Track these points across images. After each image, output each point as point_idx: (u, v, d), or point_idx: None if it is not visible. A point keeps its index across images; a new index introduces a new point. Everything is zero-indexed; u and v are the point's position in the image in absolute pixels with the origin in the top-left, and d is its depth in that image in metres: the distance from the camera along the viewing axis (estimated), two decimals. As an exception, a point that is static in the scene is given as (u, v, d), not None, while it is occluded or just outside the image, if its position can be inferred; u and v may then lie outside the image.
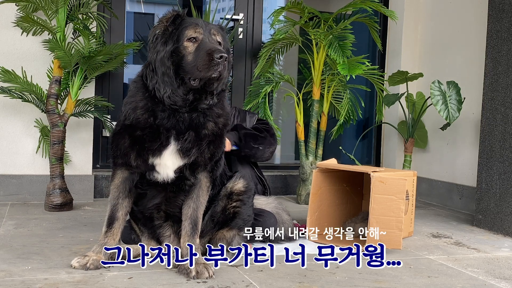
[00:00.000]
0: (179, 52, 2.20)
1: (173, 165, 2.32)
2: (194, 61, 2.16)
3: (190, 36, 2.20)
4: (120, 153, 2.33)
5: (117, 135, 2.35)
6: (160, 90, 2.21)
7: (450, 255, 2.94)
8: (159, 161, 2.30)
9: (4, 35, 3.88)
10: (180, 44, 2.20)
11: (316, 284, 2.30)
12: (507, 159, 3.49)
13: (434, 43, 4.90)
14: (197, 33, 2.21)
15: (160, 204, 2.48)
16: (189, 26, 2.22)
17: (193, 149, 2.29)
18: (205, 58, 2.13)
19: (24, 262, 2.42)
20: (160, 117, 2.24)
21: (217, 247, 2.45)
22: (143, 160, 2.30)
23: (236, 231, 2.65)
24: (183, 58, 2.19)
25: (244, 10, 4.92)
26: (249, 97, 4.49)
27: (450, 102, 3.94)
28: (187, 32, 2.21)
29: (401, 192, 2.86)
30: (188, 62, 2.17)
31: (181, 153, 2.28)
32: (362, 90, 4.82)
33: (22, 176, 3.96)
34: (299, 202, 4.47)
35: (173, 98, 2.21)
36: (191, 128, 2.26)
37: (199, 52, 2.17)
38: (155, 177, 2.36)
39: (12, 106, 3.92)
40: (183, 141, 2.26)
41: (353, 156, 4.53)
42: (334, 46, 3.96)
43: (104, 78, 4.43)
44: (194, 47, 2.19)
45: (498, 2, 3.62)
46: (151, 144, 2.26)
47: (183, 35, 2.21)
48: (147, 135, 2.26)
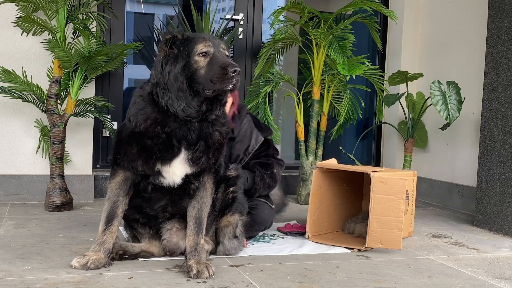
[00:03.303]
0: (190, 66, 2.27)
1: (181, 173, 2.38)
2: (208, 74, 2.25)
3: (201, 50, 2.28)
4: (127, 159, 2.37)
5: (124, 141, 2.38)
6: (174, 105, 2.28)
7: (450, 255, 2.94)
8: (168, 169, 2.36)
9: (4, 35, 3.88)
10: (191, 58, 2.28)
11: (316, 284, 2.30)
12: (507, 159, 3.49)
13: (434, 43, 4.90)
14: (207, 47, 2.29)
15: (166, 206, 2.53)
16: (198, 41, 2.30)
17: (203, 157, 2.37)
18: (220, 72, 2.23)
19: (24, 262, 2.42)
20: (171, 127, 2.30)
21: (225, 234, 2.61)
22: (150, 167, 2.35)
23: (238, 215, 2.70)
24: (195, 71, 2.27)
25: (244, 10, 4.92)
26: (249, 97, 4.49)
27: (450, 102, 3.94)
28: (197, 47, 2.28)
29: (401, 192, 2.86)
30: (201, 75, 2.26)
31: (191, 162, 2.35)
32: (362, 90, 4.82)
33: (22, 176, 3.96)
34: (299, 202, 4.47)
35: (187, 111, 2.28)
36: (201, 137, 2.35)
37: (212, 65, 2.26)
38: (161, 182, 2.41)
39: (12, 106, 3.92)
40: (194, 150, 2.34)
41: (353, 156, 4.53)
42: (334, 46, 3.96)
43: (104, 78, 4.43)
44: (206, 61, 2.28)
45: (498, 2, 3.62)
46: (161, 154, 2.32)
47: (193, 50, 2.28)
48: (157, 144, 2.31)
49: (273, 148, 3.26)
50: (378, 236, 2.87)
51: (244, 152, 3.11)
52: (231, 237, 2.65)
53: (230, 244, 2.65)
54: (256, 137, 3.14)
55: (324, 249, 2.93)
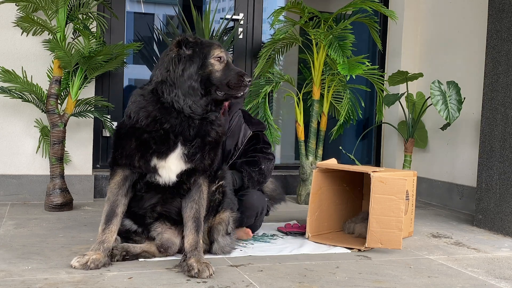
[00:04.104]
0: (206, 67, 2.40)
1: (177, 168, 2.41)
2: (223, 78, 2.40)
3: (218, 55, 2.41)
4: (125, 154, 2.41)
5: (123, 137, 2.43)
6: (180, 102, 2.36)
7: (450, 255, 2.94)
8: (164, 164, 2.39)
9: (4, 35, 3.88)
10: (208, 60, 2.40)
11: (316, 284, 2.30)
12: (507, 159, 3.49)
13: (434, 43, 4.90)
14: (222, 53, 2.43)
15: (156, 205, 2.56)
16: (214, 46, 2.44)
17: (198, 154, 2.41)
18: (237, 78, 2.39)
19: (24, 262, 2.42)
20: (171, 123, 2.37)
21: (218, 231, 2.65)
22: (146, 161, 2.39)
23: (229, 212, 2.73)
24: (211, 73, 2.40)
25: (244, 10, 4.92)
26: (249, 97, 4.49)
27: (450, 102, 3.94)
28: (214, 51, 2.41)
29: (401, 192, 2.87)
30: (217, 77, 2.40)
31: (186, 157, 2.39)
32: (362, 90, 4.82)
33: (22, 176, 3.96)
34: (299, 202, 4.47)
35: (193, 108, 2.37)
36: (199, 135, 2.41)
37: (229, 71, 2.41)
38: (157, 180, 2.44)
39: (12, 106, 3.92)
40: (190, 146, 2.39)
41: (353, 156, 4.53)
42: (334, 46, 3.96)
43: (104, 78, 4.43)
44: (222, 66, 2.41)
45: (498, 2, 3.62)
46: (158, 147, 2.37)
47: (210, 54, 2.41)
48: (154, 138, 2.36)
49: (263, 142, 3.19)
50: (378, 236, 2.87)
51: (234, 148, 3.09)
52: (224, 234, 2.68)
53: (224, 241, 2.67)
54: (244, 132, 3.13)
55: (324, 249, 2.93)
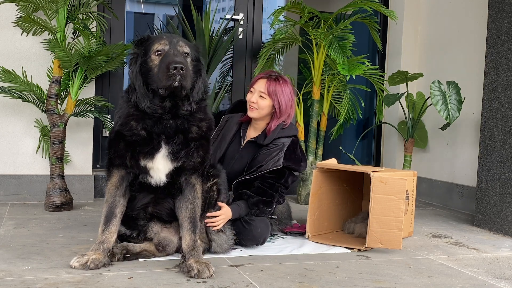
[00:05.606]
0: (146, 64, 2.35)
1: (164, 168, 2.43)
2: (158, 72, 2.31)
3: (156, 49, 2.34)
4: (117, 155, 2.44)
5: (113, 140, 2.47)
6: (141, 103, 2.37)
7: (450, 255, 2.95)
8: (152, 165, 2.41)
9: (4, 35, 3.87)
10: (148, 57, 2.35)
11: (316, 284, 2.30)
12: (507, 159, 3.49)
13: (434, 43, 4.90)
14: (162, 45, 2.34)
15: (148, 205, 2.57)
16: (155, 40, 2.38)
17: (182, 151, 2.41)
18: (164, 70, 2.28)
19: (24, 262, 2.42)
20: (149, 125, 2.38)
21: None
22: (136, 161, 2.41)
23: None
24: (150, 70, 2.34)
25: (244, 10, 4.92)
26: (249, 97, 4.49)
27: (450, 102, 3.94)
28: (153, 46, 2.35)
29: (401, 192, 2.87)
30: (154, 73, 2.33)
31: (172, 156, 2.40)
32: (362, 90, 4.82)
33: (22, 176, 3.96)
34: (299, 202, 4.47)
35: (152, 108, 2.36)
36: (178, 132, 2.41)
37: (162, 63, 2.31)
38: (148, 181, 2.47)
39: (12, 106, 3.92)
40: (173, 144, 2.40)
41: (353, 156, 4.53)
42: (334, 46, 3.96)
43: (104, 78, 4.43)
44: (159, 59, 2.33)
45: (498, 2, 3.62)
46: (143, 148, 2.39)
47: (150, 49, 2.36)
48: (139, 140, 2.39)
49: (285, 181, 2.94)
50: (378, 236, 2.87)
51: (258, 167, 2.91)
52: (220, 233, 2.69)
53: (221, 239, 2.68)
54: (275, 161, 2.89)
55: (324, 249, 2.93)
